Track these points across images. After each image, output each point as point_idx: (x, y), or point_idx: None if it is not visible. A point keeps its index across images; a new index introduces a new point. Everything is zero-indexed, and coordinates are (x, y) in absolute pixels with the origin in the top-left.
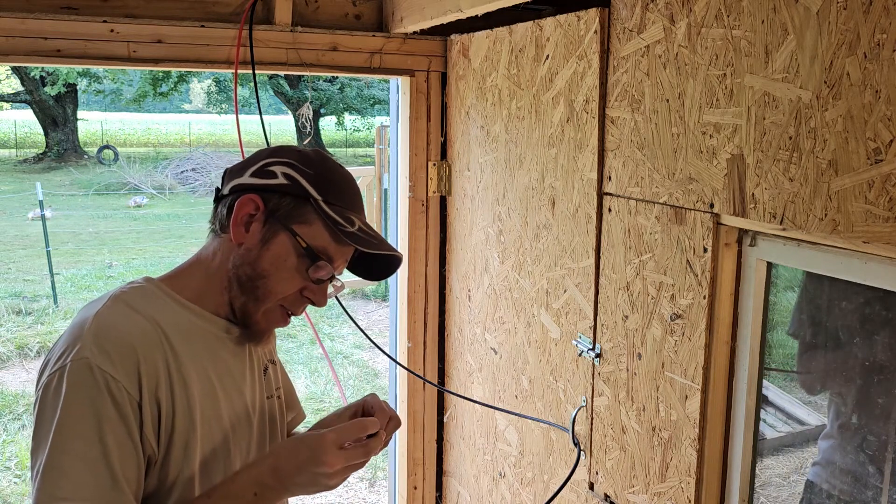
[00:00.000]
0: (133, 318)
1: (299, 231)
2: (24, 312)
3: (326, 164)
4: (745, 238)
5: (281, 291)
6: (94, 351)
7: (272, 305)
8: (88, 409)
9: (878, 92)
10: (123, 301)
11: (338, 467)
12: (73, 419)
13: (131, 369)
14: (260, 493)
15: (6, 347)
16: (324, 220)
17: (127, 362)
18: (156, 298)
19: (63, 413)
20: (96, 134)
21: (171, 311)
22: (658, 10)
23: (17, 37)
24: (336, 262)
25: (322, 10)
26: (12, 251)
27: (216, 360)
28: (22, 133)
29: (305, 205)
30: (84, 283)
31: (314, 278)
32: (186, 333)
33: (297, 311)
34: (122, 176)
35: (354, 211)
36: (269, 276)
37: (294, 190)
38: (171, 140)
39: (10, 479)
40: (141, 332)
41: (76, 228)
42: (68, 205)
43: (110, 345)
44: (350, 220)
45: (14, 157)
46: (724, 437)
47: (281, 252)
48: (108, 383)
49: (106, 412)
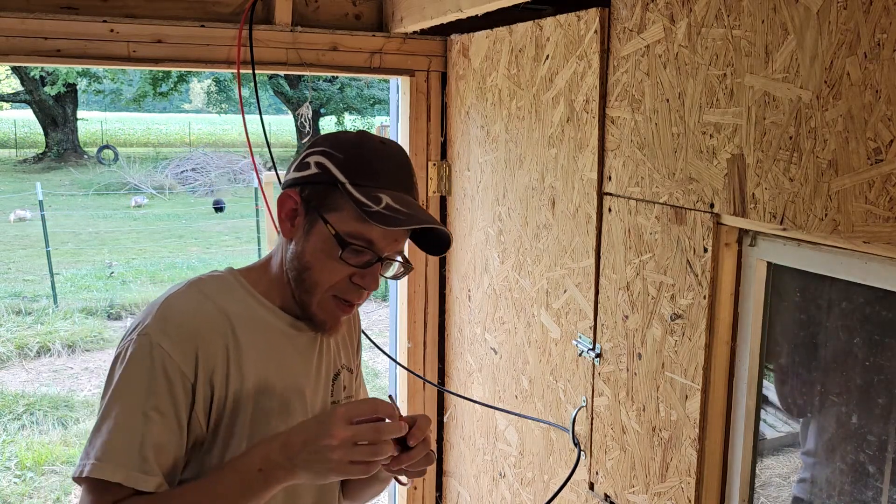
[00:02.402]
0: (203, 304)
1: (330, 218)
2: (23, 312)
3: (362, 144)
4: (745, 238)
5: (326, 281)
6: (157, 330)
7: (323, 296)
8: (140, 383)
9: (879, 92)
10: (198, 287)
11: (342, 437)
12: (125, 390)
13: (189, 351)
14: (265, 469)
15: (6, 347)
16: (350, 202)
17: (186, 345)
18: (231, 289)
19: (118, 383)
20: (96, 134)
21: (242, 303)
22: (658, 10)
23: (17, 36)
24: (380, 244)
25: (322, 9)
26: (12, 251)
27: (279, 355)
28: (22, 133)
29: (334, 191)
30: (84, 283)
31: (353, 263)
32: (253, 325)
33: (351, 298)
34: (122, 176)
35: (389, 188)
36: (312, 268)
37: (323, 177)
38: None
39: (10, 479)
40: (206, 318)
41: (76, 228)
42: (68, 205)
43: (173, 326)
44: (377, 199)
45: (14, 157)
46: (725, 437)
47: (318, 242)
48: (164, 361)
49: (156, 387)
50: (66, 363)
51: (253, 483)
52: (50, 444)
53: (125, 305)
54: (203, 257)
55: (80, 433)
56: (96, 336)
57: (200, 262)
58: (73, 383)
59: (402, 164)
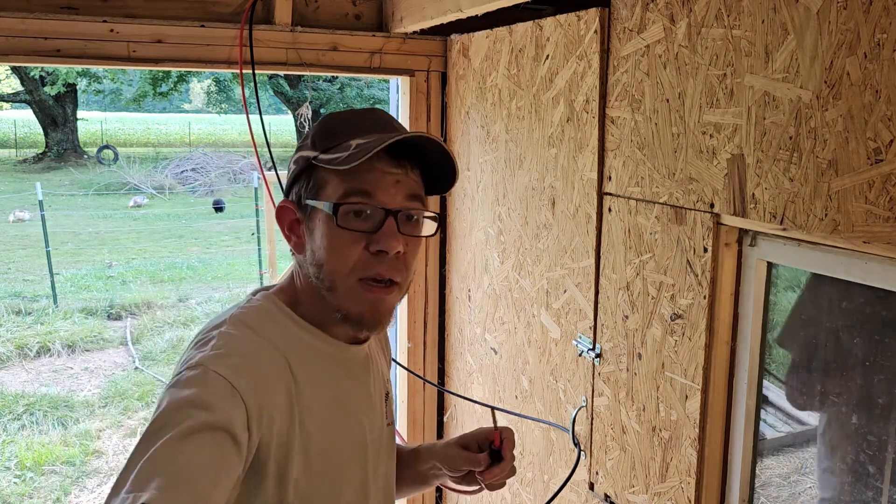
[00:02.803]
0: (256, 342)
1: (321, 197)
2: (23, 312)
3: (328, 118)
4: (745, 238)
5: (342, 264)
6: (215, 362)
7: (348, 284)
8: (191, 412)
9: (879, 92)
10: (243, 323)
11: None
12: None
13: (252, 385)
14: None
15: (6, 347)
16: (328, 169)
17: (249, 377)
18: (275, 319)
19: (165, 410)
20: (96, 134)
21: (290, 334)
22: (658, 10)
23: (17, 36)
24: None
25: (322, 9)
26: (12, 251)
27: (338, 388)
28: (21, 133)
29: (313, 171)
30: (84, 283)
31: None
32: (307, 359)
33: (376, 271)
34: (122, 176)
35: (358, 135)
36: (325, 260)
37: (301, 166)
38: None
39: (10, 480)
40: (264, 359)
41: (76, 228)
42: (68, 205)
43: (234, 360)
44: (346, 147)
45: (14, 157)
46: (725, 437)
47: (320, 229)
48: (225, 390)
49: (212, 418)
50: (66, 363)
51: None
52: (50, 445)
53: (125, 305)
54: (203, 257)
55: (79, 433)
56: (96, 336)
57: (200, 262)
58: (73, 383)
59: (374, 113)
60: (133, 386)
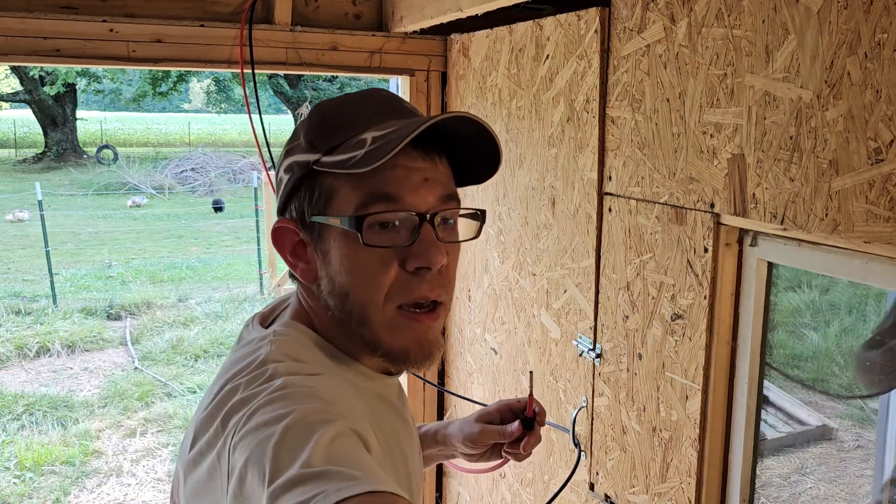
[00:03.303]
0: (342, 387)
1: (333, 212)
2: (23, 312)
3: (321, 109)
4: (745, 238)
5: (374, 291)
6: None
7: (385, 315)
8: (352, 446)
9: (879, 91)
10: (291, 357)
11: None
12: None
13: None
14: None
15: (5, 348)
16: (337, 175)
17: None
18: (315, 354)
19: (329, 449)
20: (95, 133)
21: (334, 371)
22: (658, 10)
23: (17, 36)
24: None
25: (322, 9)
26: (12, 251)
27: (387, 425)
28: (21, 133)
29: (315, 180)
30: (83, 283)
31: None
32: (361, 398)
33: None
34: (122, 176)
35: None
36: (350, 289)
37: (297, 175)
38: (171, 140)
39: (10, 480)
40: (348, 396)
41: (75, 228)
42: (67, 205)
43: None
44: (360, 143)
45: (13, 157)
46: (725, 437)
47: (337, 251)
48: (348, 432)
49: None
50: (66, 363)
51: None
52: (49, 445)
53: (125, 305)
54: (203, 257)
55: (79, 433)
56: (96, 336)
57: (200, 263)
58: (73, 383)
59: (382, 97)
60: (132, 386)
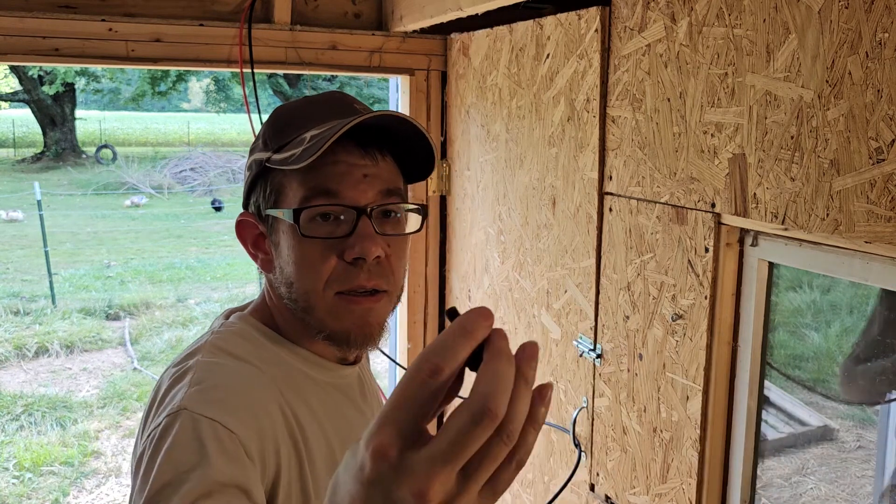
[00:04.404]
0: (242, 369)
1: (282, 205)
2: (22, 312)
3: (277, 112)
4: (746, 238)
5: (315, 279)
6: (197, 403)
7: (325, 301)
8: (192, 466)
9: (880, 91)
10: (224, 349)
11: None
12: (171, 475)
13: (247, 422)
14: None
15: (4, 348)
16: (284, 172)
17: (243, 413)
18: (256, 343)
19: (160, 470)
20: (94, 133)
21: (275, 358)
22: (659, 9)
23: (16, 36)
24: (346, 192)
25: (321, 8)
26: (10, 251)
27: (337, 417)
28: (20, 132)
29: (268, 176)
30: (82, 283)
31: (325, 235)
32: (302, 386)
33: (356, 281)
34: (121, 175)
35: (312, 125)
36: (295, 276)
37: (255, 171)
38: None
39: (9, 480)
40: (256, 387)
41: (74, 228)
42: (66, 204)
43: (218, 395)
44: (300, 141)
45: (12, 157)
46: (726, 438)
47: (285, 242)
48: (218, 434)
49: (214, 471)
50: (65, 363)
51: None
52: (48, 445)
53: (123, 305)
54: (202, 257)
55: (78, 434)
56: (95, 336)
57: (199, 263)
58: (72, 384)
59: (334, 99)
60: (131, 386)
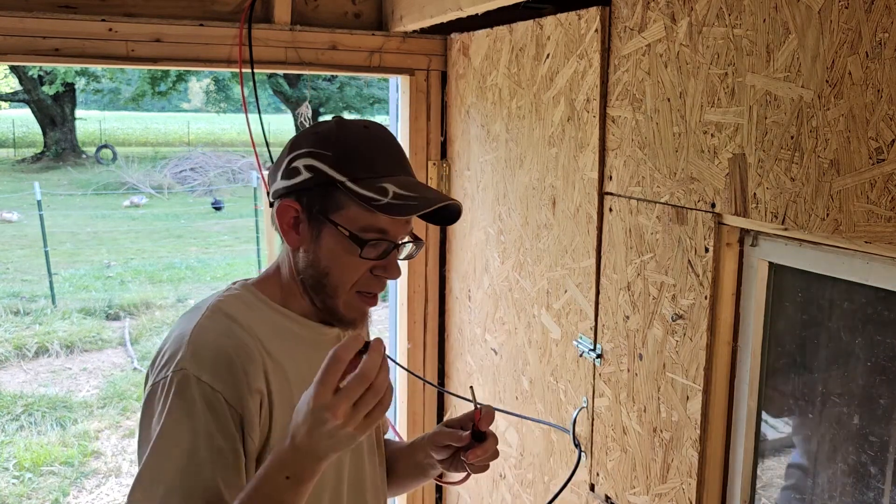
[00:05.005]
0: (232, 329)
1: (338, 220)
2: (22, 312)
3: (346, 136)
4: (746, 238)
5: (348, 281)
6: (194, 362)
7: (348, 296)
8: (186, 422)
9: (880, 91)
10: (221, 311)
11: (342, 412)
12: (171, 431)
13: (232, 381)
14: (293, 475)
15: (4, 348)
16: (355, 199)
17: (227, 375)
18: (252, 306)
19: (164, 424)
20: (94, 133)
21: (266, 319)
22: (659, 9)
23: (16, 36)
24: (392, 232)
25: (321, 8)
26: (10, 251)
27: (312, 365)
28: (20, 132)
29: (335, 192)
30: (82, 283)
31: (371, 258)
32: (283, 341)
33: (375, 289)
34: (121, 175)
35: (388, 174)
36: (331, 272)
37: (319, 180)
38: (170, 139)
39: (9, 480)
40: (241, 344)
41: (74, 228)
42: (66, 204)
43: (210, 357)
44: (383, 190)
45: (12, 157)
46: (726, 438)
47: (332, 244)
48: (208, 395)
49: (204, 425)
50: (65, 363)
51: (286, 491)
52: (48, 445)
53: (123, 305)
54: (202, 257)
55: (78, 434)
56: (95, 336)
57: (199, 263)
58: (72, 384)
59: (392, 144)
60: (131, 386)
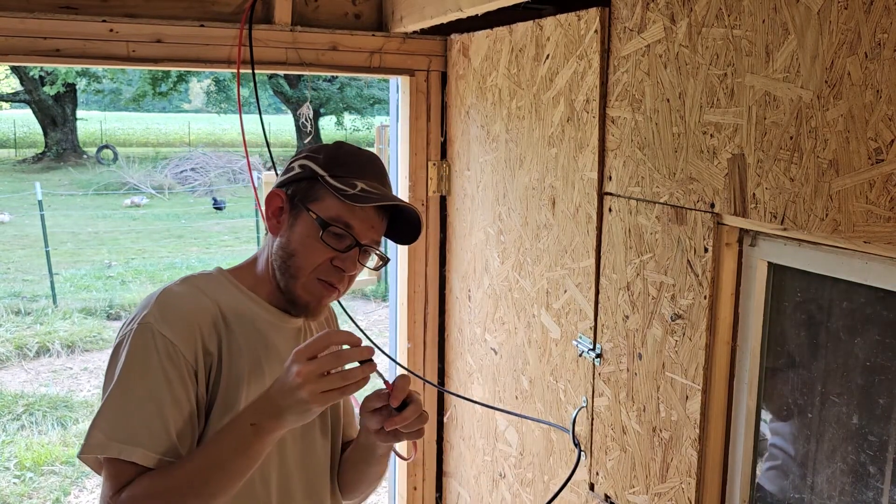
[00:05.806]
0: (198, 296)
1: (313, 207)
2: (23, 312)
3: (339, 147)
4: (745, 238)
5: (310, 264)
6: (158, 318)
7: (307, 279)
8: (148, 367)
9: (879, 91)
10: (191, 282)
11: (306, 373)
12: (135, 374)
13: (189, 338)
14: (257, 423)
15: (5, 347)
16: (330, 191)
17: (185, 332)
18: (221, 285)
19: (125, 368)
20: (95, 133)
21: (232, 297)
22: (659, 10)
23: (17, 36)
24: (356, 229)
25: (322, 9)
26: (11, 251)
27: (268, 345)
28: (21, 133)
29: (316, 184)
30: (83, 283)
31: (332, 246)
32: (243, 317)
33: (333, 279)
34: (122, 176)
35: (362, 178)
36: (297, 254)
37: (306, 174)
38: (171, 139)
39: (10, 480)
40: (202, 309)
41: (75, 228)
42: (67, 205)
43: (172, 315)
44: (353, 185)
45: (13, 157)
46: (725, 437)
47: (303, 230)
48: (167, 347)
49: (164, 372)
50: (66, 363)
51: (248, 438)
52: (49, 445)
53: (124, 305)
54: (202, 257)
55: (79, 433)
56: (96, 336)
57: (200, 263)
58: (73, 383)
59: (377, 164)
60: None
